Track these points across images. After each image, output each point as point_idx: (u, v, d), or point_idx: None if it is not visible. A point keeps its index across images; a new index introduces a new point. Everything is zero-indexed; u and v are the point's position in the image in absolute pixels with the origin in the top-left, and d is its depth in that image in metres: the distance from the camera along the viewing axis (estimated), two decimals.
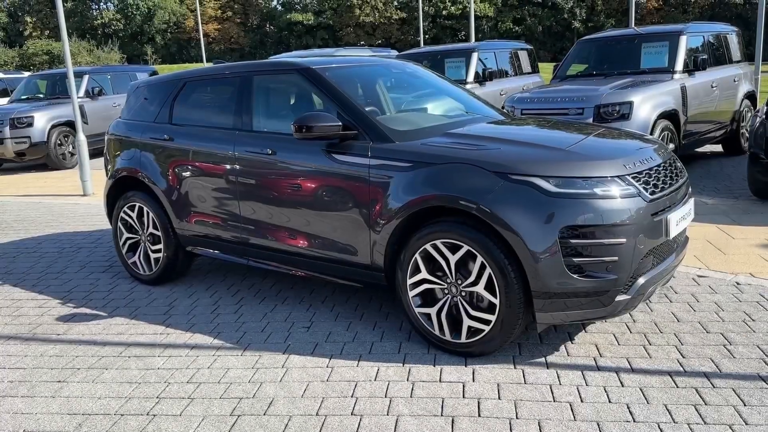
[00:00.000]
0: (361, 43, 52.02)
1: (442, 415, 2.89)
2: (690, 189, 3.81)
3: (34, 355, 3.81)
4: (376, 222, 3.58)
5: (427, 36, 51.98)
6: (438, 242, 3.37)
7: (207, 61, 37.04)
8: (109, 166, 5.15)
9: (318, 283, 4.68)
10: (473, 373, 3.27)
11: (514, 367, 3.31)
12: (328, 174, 3.78)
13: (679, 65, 7.81)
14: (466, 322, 3.37)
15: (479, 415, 2.88)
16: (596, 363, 3.31)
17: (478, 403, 2.98)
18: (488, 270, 3.24)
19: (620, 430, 2.71)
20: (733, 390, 2.98)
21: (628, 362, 3.30)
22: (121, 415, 3.07)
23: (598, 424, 2.77)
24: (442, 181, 3.35)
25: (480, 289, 3.29)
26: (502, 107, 8.07)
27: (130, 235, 5.01)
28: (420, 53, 10.52)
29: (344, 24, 55.97)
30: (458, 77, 9.54)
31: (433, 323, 3.49)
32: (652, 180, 3.34)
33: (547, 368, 3.29)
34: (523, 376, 3.21)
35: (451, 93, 4.69)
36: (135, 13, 58.79)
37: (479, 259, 3.25)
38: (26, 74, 14.62)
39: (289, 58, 4.38)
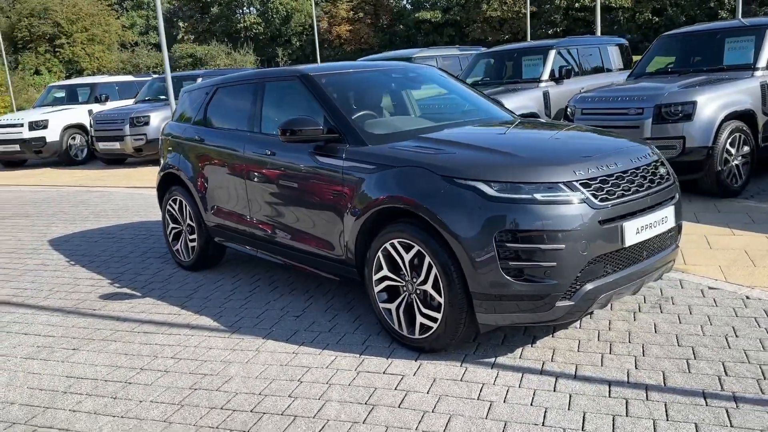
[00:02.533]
0: (472, 42, 51.47)
1: (365, 403, 3.08)
2: (674, 195, 3.67)
3: (66, 326, 4.43)
4: (347, 220, 3.81)
5: (558, 29, 50.46)
6: (395, 241, 3.54)
7: (324, 60, 38.32)
8: (161, 163, 5.75)
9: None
10: (418, 367, 3.41)
11: (460, 365, 3.41)
12: (312, 174, 4.06)
13: (763, 61, 7.23)
14: (419, 319, 3.52)
15: (398, 406, 3.03)
16: (542, 367, 3.33)
17: (405, 395, 3.13)
18: (434, 270, 3.37)
19: (525, 429, 2.76)
20: (665, 404, 2.90)
21: (575, 369, 3.29)
22: (104, 381, 3.54)
23: (504, 424, 2.83)
24: (395, 184, 3.52)
25: (428, 287, 3.43)
26: (566, 107, 7.92)
27: (174, 225, 5.58)
28: (498, 52, 10.46)
29: (471, 20, 55.63)
30: (534, 75, 9.41)
31: (394, 318, 3.66)
32: (609, 186, 3.30)
33: (491, 368, 3.36)
34: (463, 374, 3.30)
35: (454, 96, 4.78)
36: (275, 16, 62.11)
37: (427, 259, 3.39)
38: (153, 76, 16.15)
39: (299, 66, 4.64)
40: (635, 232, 3.32)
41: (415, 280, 3.51)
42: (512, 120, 4.56)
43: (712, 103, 6.63)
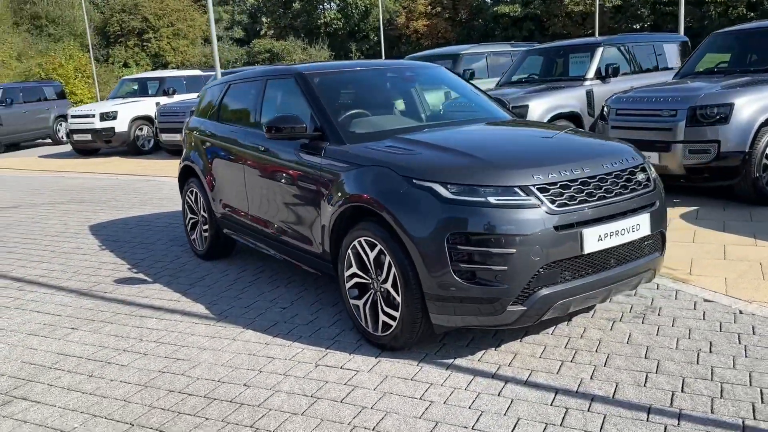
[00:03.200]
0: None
1: (310, 396, 3.16)
2: (652, 202, 3.54)
3: (75, 306, 4.74)
4: (323, 217, 3.90)
5: (644, 24, 48.50)
6: (362, 239, 3.60)
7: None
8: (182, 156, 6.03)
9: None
10: (375, 364, 3.46)
11: (417, 364, 3.44)
12: (296, 170, 4.17)
13: None
14: (381, 317, 3.57)
15: (341, 401, 3.10)
16: (496, 371, 3.31)
17: (352, 390, 3.20)
18: (393, 269, 3.40)
19: (452, 431, 2.78)
20: (604, 417, 2.84)
21: (528, 375, 3.25)
22: (87, 359, 3.79)
23: (435, 424, 2.85)
24: (362, 182, 3.57)
25: (389, 286, 3.47)
26: (602, 106, 7.70)
27: (192, 216, 5.84)
28: (545, 49, 10.22)
29: (552, 14, 54.27)
30: (580, 73, 9.14)
31: (361, 315, 3.72)
32: (569, 192, 3.23)
33: (446, 369, 3.37)
34: (415, 373, 3.33)
35: (450, 95, 4.77)
36: (354, 12, 62.73)
37: (387, 257, 3.43)
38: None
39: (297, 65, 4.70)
40: (597, 239, 3.24)
41: (379, 278, 3.56)
42: (505, 120, 4.51)
43: (751, 106, 6.29)
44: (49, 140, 19.23)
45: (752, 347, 3.39)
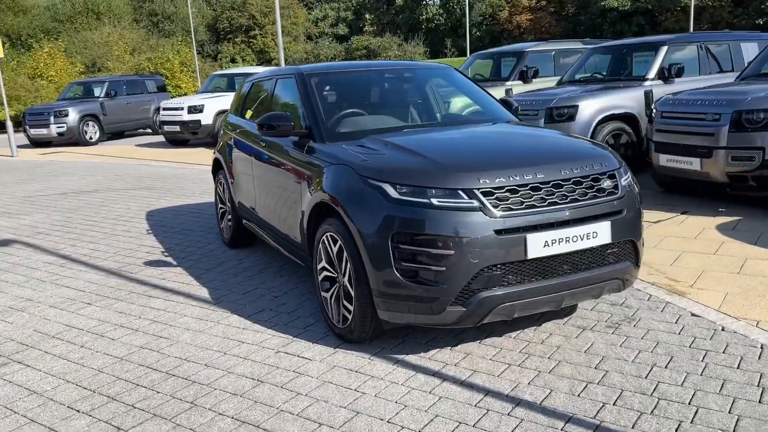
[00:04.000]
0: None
1: (256, 380, 3.36)
2: (618, 210, 3.45)
3: (100, 284, 5.19)
4: (301, 211, 4.09)
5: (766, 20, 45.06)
6: (327, 234, 3.75)
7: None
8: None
9: None
10: (330, 354, 3.61)
11: (368, 357, 3.55)
12: (286, 165, 4.38)
13: None
14: (342, 310, 3.71)
15: (281, 386, 3.27)
16: (440, 370, 3.36)
17: (296, 377, 3.36)
18: (349, 264, 3.54)
19: (367, 421, 2.88)
20: (521, 421, 2.84)
21: (469, 375, 3.29)
22: (86, 331, 4.18)
23: (355, 414, 2.96)
24: (329, 180, 3.72)
25: (345, 280, 3.60)
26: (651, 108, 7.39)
27: (221, 206, 6.20)
28: (609, 47, 9.84)
29: (665, 8, 51.54)
30: (642, 73, 8.76)
31: (328, 307, 3.88)
32: (516, 197, 3.23)
33: (393, 364, 3.46)
34: (362, 366, 3.45)
35: (449, 96, 4.80)
36: (456, 7, 62.41)
37: (345, 253, 3.57)
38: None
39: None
40: (543, 245, 3.22)
41: (340, 272, 3.70)
42: (496, 123, 4.49)
43: None
44: (149, 130, 20.64)
45: (713, 366, 3.25)
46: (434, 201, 3.20)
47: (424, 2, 69.96)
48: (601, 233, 3.37)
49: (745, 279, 4.46)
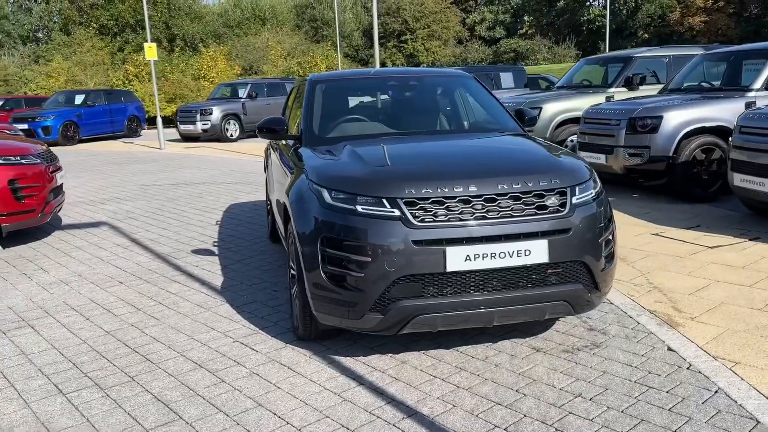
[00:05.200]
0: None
1: (196, 363, 3.61)
2: (559, 229, 3.28)
3: (144, 266, 5.74)
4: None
5: None
6: (290, 234, 3.93)
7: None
8: None
9: None
10: (278, 349, 3.77)
11: (308, 355, 3.66)
12: (282, 165, 4.61)
13: None
14: (295, 308, 3.87)
15: (213, 372, 3.50)
16: (365, 375, 3.40)
17: (230, 366, 3.57)
18: (294, 264, 3.69)
19: (260, 414, 3.02)
20: (393, 427, 2.84)
21: (389, 383, 3.30)
22: (100, 306, 4.67)
23: (258, 405, 3.11)
24: (291, 182, 3.89)
25: (295, 280, 3.76)
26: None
27: (267, 202, 6.59)
28: (719, 54, 8.95)
29: None
30: (748, 83, 7.90)
31: (291, 303, 4.05)
32: (441, 209, 3.19)
33: (327, 364, 3.54)
34: (297, 363, 3.57)
35: (450, 106, 4.75)
36: (622, 8, 59.29)
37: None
38: None
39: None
40: (464, 258, 3.16)
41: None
42: (492, 133, 4.40)
43: None
44: None
45: (643, 404, 3.00)
46: (359, 208, 3.26)
47: (588, 2, 67.01)
48: (535, 252, 3.23)
49: (764, 317, 3.99)
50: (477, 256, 3.17)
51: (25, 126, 19.43)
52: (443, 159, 3.81)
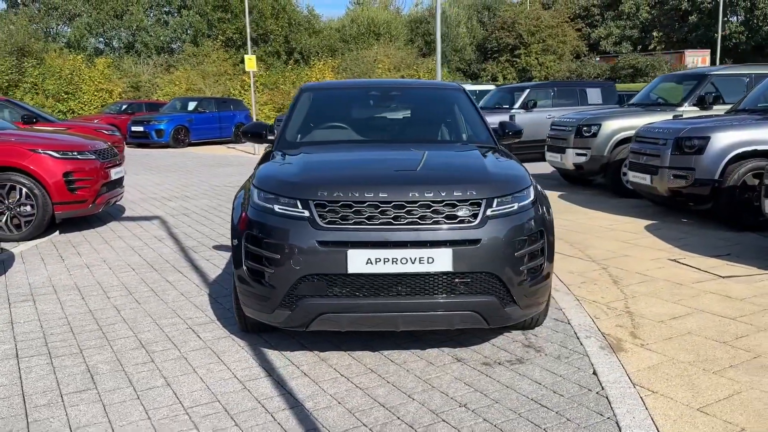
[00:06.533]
0: None
1: (140, 344, 3.93)
2: (469, 238, 3.28)
3: (165, 256, 6.20)
4: None
5: None
6: None
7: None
8: None
9: None
10: (218, 338, 4.02)
11: (241, 347, 3.87)
12: None
13: None
14: None
15: (148, 353, 3.79)
16: (278, 368, 3.56)
17: (166, 349, 3.85)
18: None
19: (155, 394, 3.26)
20: (268, 415, 2.98)
21: (296, 378, 3.44)
22: (104, 289, 5.14)
23: (166, 385, 3.36)
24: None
25: None
26: None
27: None
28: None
29: None
30: None
31: None
32: (348, 212, 3.30)
33: (253, 356, 3.74)
34: (225, 352, 3.79)
35: (427, 117, 4.83)
36: (761, 24, 55.13)
37: None
38: (492, 87, 17.31)
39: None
40: (365, 262, 3.25)
41: None
42: (457, 144, 4.44)
43: None
44: None
45: (522, 421, 2.96)
46: (276, 208, 3.44)
47: (726, 18, 62.87)
48: (439, 260, 3.26)
49: (723, 351, 3.73)
50: (378, 260, 3.24)
51: (141, 128, 21.30)
52: (375, 165, 3.90)
